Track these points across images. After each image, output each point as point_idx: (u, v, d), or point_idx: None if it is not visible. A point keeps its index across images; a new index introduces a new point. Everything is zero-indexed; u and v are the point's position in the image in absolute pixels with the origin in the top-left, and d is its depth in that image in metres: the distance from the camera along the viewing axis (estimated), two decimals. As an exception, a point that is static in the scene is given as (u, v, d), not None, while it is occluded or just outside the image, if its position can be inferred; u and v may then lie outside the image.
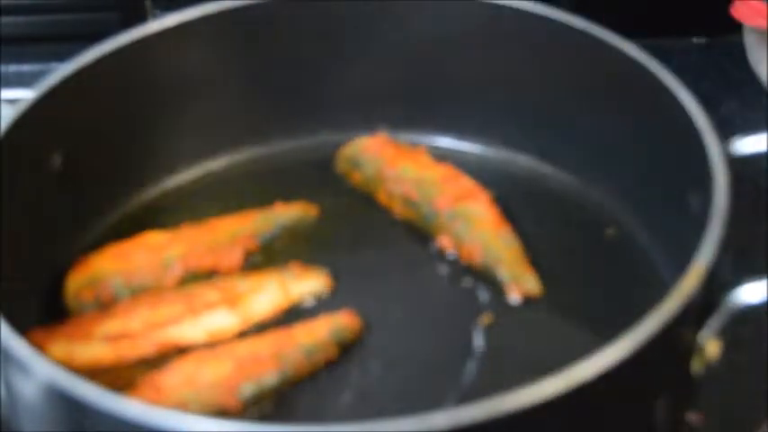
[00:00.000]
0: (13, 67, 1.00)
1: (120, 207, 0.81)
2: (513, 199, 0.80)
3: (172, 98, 0.81)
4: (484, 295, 0.74)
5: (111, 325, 0.71)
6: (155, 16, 0.99)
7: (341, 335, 0.71)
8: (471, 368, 0.70)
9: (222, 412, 0.66)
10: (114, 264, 0.75)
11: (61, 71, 0.76)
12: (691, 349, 0.63)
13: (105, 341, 0.71)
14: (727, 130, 0.70)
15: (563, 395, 0.57)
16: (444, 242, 0.77)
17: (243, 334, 0.72)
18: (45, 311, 0.74)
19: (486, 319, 0.73)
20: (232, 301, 0.73)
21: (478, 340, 0.72)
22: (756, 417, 0.71)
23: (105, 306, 0.73)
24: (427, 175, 0.81)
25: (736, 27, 0.93)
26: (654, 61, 0.74)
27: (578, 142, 0.81)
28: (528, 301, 0.74)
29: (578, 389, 0.57)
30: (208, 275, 0.76)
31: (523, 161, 0.83)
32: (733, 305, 0.64)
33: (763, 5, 0.90)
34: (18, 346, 0.61)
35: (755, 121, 0.89)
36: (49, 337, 0.70)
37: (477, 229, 0.77)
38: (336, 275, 0.75)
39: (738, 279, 0.65)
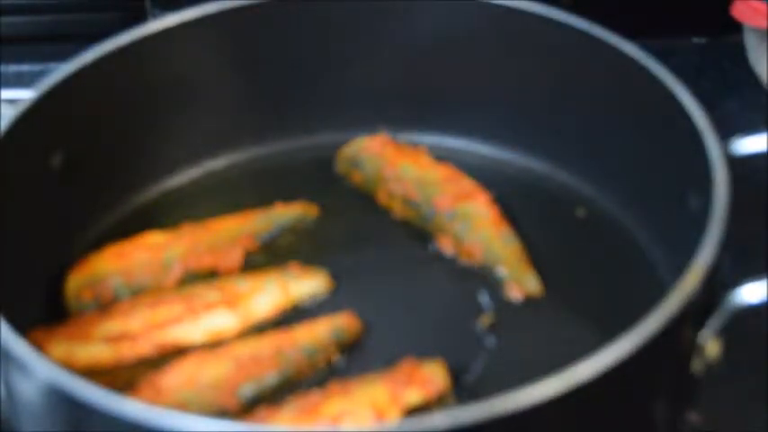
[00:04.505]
0: (13, 67, 1.00)
1: (120, 207, 0.81)
2: (513, 199, 0.80)
3: (172, 98, 0.81)
4: (484, 295, 0.74)
5: (111, 325, 0.71)
6: (155, 16, 0.99)
7: (341, 335, 0.71)
8: (471, 368, 0.70)
9: (222, 412, 0.66)
10: (114, 264, 0.75)
11: (61, 71, 0.76)
12: (691, 349, 0.63)
13: (105, 341, 0.71)
14: (727, 130, 0.70)
15: (563, 395, 0.57)
16: (444, 242, 0.77)
17: (243, 334, 0.72)
18: (45, 311, 0.74)
19: (486, 319, 0.73)
20: (232, 302, 0.73)
21: (479, 340, 0.72)
22: (756, 417, 0.71)
23: (105, 306, 0.73)
24: (427, 175, 0.81)
25: (736, 27, 0.93)
26: (654, 61, 0.74)
27: (578, 142, 0.81)
28: (528, 300, 0.74)
29: (578, 389, 0.57)
30: (208, 275, 0.76)
31: (523, 161, 0.83)
32: (733, 305, 0.64)
33: (763, 5, 0.90)
34: (18, 346, 0.61)
35: (755, 121, 0.89)
36: (49, 337, 0.70)
37: (478, 228, 0.77)
38: (336, 275, 0.75)
39: (738, 279, 0.65)
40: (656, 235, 0.76)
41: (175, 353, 0.70)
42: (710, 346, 0.63)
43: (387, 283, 0.76)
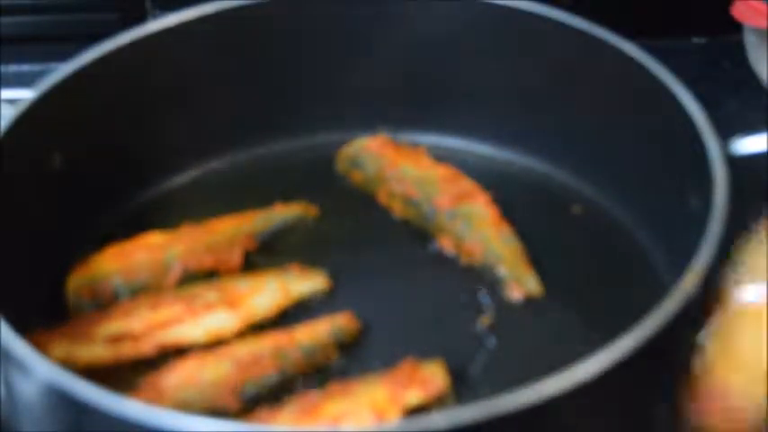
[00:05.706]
0: (13, 67, 1.00)
1: (120, 207, 0.81)
2: (513, 199, 0.80)
3: (172, 98, 0.81)
4: (484, 295, 0.74)
5: (111, 325, 0.71)
6: (155, 16, 0.99)
7: (341, 335, 0.71)
8: (471, 368, 0.70)
9: (222, 412, 0.66)
10: (114, 264, 0.75)
11: (61, 71, 0.76)
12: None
13: (105, 341, 0.71)
14: (727, 130, 0.70)
15: (563, 395, 0.57)
16: (444, 242, 0.77)
17: (243, 334, 0.72)
18: (45, 311, 0.74)
19: (486, 319, 0.73)
20: (232, 302, 0.73)
21: (479, 340, 0.72)
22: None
23: (105, 306, 0.73)
24: (427, 175, 0.81)
25: (736, 27, 0.93)
26: (654, 61, 0.74)
27: (578, 142, 0.81)
28: (528, 300, 0.74)
29: (578, 389, 0.57)
30: (208, 275, 0.76)
31: (523, 161, 0.83)
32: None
33: (763, 5, 0.90)
34: (18, 346, 0.61)
35: (755, 121, 0.89)
36: (49, 338, 0.70)
37: (478, 228, 0.77)
38: (336, 275, 0.75)
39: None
40: (656, 235, 0.76)
41: (175, 353, 0.70)
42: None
43: (387, 283, 0.76)
